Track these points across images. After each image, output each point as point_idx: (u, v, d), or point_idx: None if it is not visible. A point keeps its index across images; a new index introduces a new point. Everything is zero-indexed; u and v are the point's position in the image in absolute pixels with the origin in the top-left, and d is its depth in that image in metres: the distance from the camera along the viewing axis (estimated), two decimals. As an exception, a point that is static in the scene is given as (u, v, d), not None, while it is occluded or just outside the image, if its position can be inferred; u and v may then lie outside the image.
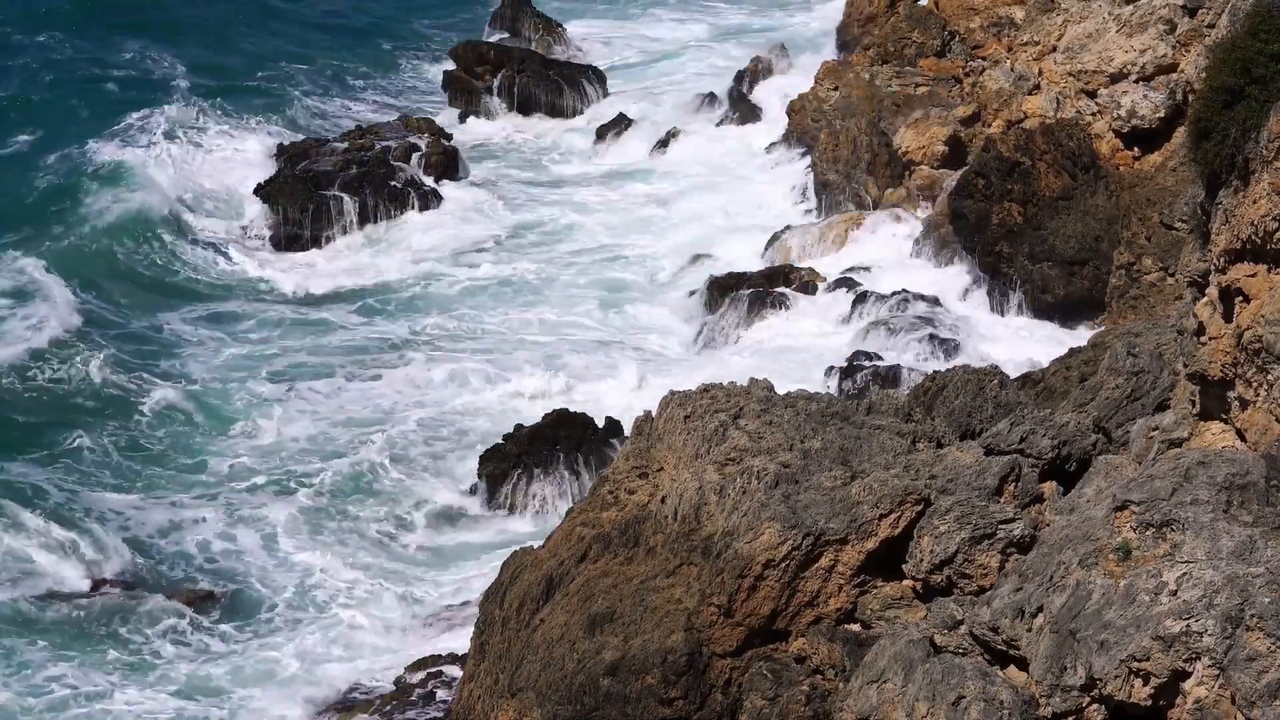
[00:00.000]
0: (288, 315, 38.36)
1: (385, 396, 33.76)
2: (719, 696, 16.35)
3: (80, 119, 51.12)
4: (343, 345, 36.77)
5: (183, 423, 32.30)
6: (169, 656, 24.69)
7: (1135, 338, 21.81)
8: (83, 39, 59.28)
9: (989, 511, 15.95)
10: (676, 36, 64.61)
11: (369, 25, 65.14)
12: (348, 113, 53.77)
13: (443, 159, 47.56)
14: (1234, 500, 12.84)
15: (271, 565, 27.41)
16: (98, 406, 32.54)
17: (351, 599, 26.36)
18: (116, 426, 31.84)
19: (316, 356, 35.94)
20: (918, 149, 40.30)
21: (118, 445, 31.14)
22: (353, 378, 34.75)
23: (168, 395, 33.13)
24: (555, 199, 46.83)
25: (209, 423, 32.39)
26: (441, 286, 40.45)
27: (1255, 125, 14.21)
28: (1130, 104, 36.62)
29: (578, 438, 29.90)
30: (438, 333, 37.46)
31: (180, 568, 27.25)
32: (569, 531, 19.51)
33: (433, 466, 30.96)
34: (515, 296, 39.62)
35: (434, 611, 26.03)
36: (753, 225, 42.47)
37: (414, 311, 38.92)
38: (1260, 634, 11.82)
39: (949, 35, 44.73)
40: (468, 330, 37.71)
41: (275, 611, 25.99)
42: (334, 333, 37.51)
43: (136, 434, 31.70)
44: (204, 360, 35.39)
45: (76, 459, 30.47)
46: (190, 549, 27.73)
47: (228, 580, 26.85)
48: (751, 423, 18.53)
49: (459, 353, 36.13)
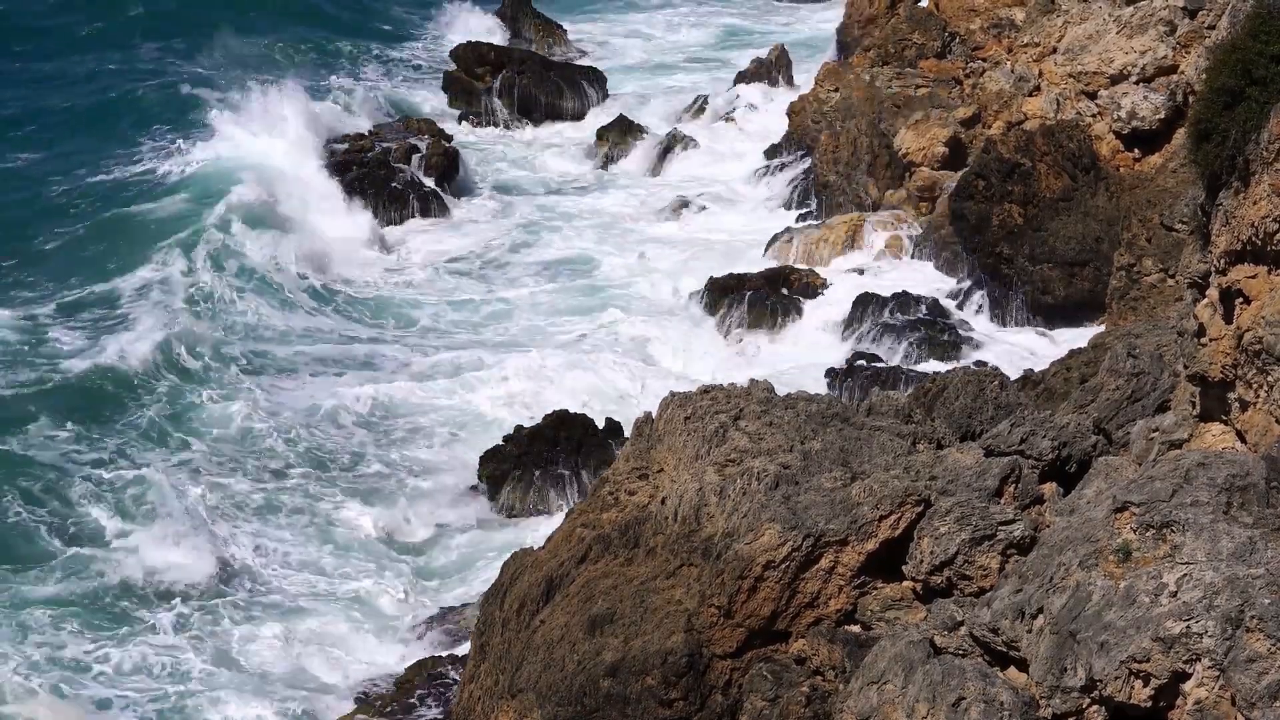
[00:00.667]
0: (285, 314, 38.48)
1: (384, 396, 33.76)
2: (719, 697, 16.35)
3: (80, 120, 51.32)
4: (342, 344, 36.78)
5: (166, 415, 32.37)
6: (162, 653, 24.70)
7: (1135, 339, 21.81)
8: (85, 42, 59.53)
9: (989, 513, 15.95)
10: (677, 38, 64.68)
11: (369, 25, 65.20)
12: (347, 112, 53.76)
13: (443, 160, 47.56)
14: (1234, 501, 12.84)
15: (270, 564, 27.41)
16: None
17: (350, 599, 26.35)
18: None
19: (313, 357, 35.96)
20: (918, 150, 40.31)
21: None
22: (346, 375, 34.76)
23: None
24: (555, 199, 46.85)
25: (192, 417, 32.39)
26: (441, 286, 40.45)
27: (1255, 127, 14.20)
28: (1130, 105, 36.64)
29: (578, 438, 29.90)
30: (437, 332, 37.45)
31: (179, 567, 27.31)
32: (569, 532, 19.52)
33: (432, 466, 30.97)
34: (515, 297, 39.62)
35: (434, 613, 26.02)
36: (752, 224, 42.51)
37: (414, 312, 38.93)
38: (1260, 635, 11.82)
39: (949, 36, 44.75)
40: (468, 330, 37.70)
41: (273, 611, 25.97)
42: (333, 332, 37.53)
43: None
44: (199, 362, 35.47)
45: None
46: (186, 548, 27.75)
47: (224, 580, 26.82)
48: (751, 424, 18.54)
49: (459, 353, 36.11)
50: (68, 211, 43.61)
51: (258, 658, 24.64)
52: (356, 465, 30.89)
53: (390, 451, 31.42)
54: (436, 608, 26.17)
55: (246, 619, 25.72)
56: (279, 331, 37.27)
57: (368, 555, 27.83)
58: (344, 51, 61.22)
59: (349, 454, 31.27)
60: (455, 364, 35.31)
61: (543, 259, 42.19)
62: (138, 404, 32.62)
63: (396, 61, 61.23)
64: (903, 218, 39.76)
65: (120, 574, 26.59)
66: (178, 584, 26.50)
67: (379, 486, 30.11)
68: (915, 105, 41.94)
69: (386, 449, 31.48)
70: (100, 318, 36.77)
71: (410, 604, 26.31)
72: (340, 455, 31.22)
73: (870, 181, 41.30)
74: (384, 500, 29.60)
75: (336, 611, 25.93)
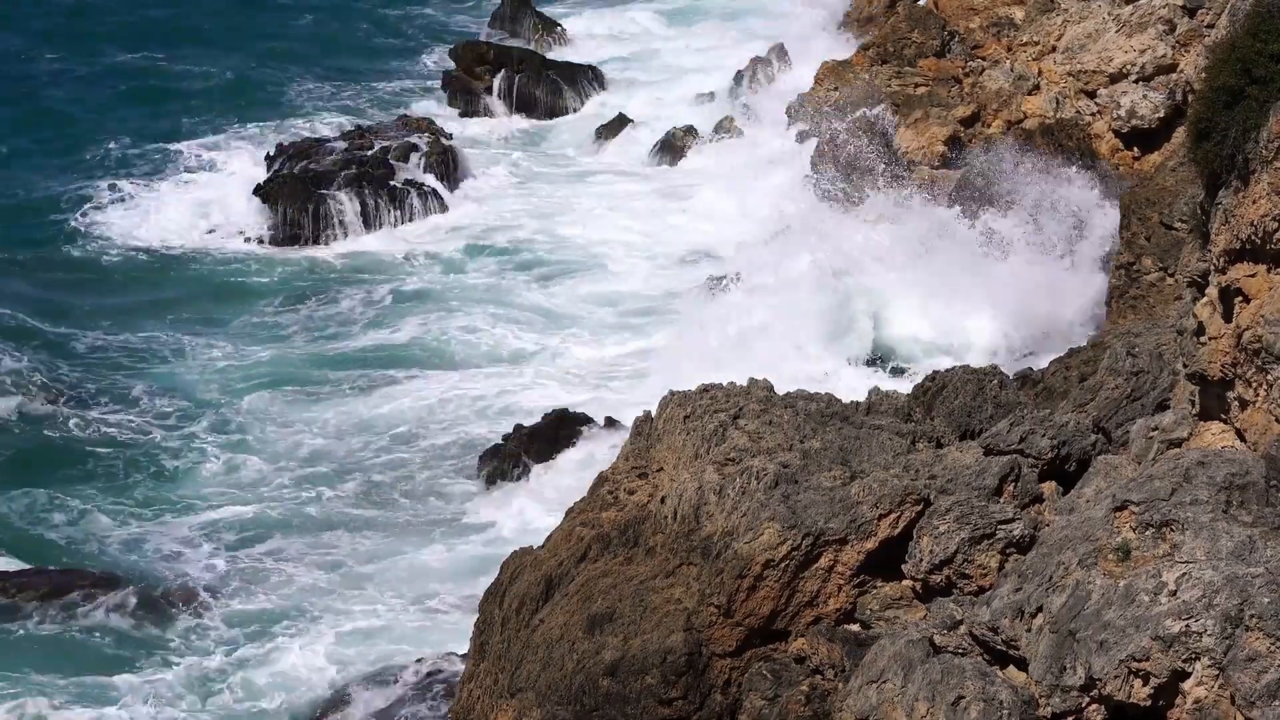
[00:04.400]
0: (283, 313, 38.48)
1: (383, 395, 33.77)
2: (719, 696, 16.35)
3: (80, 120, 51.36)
4: (339, 345, 36.77)
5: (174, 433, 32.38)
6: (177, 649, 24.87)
7: (1135, 338, 21.80)
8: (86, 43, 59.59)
9: (989, 511, 15.95)
10: (678, 37, 64.59)
11: (369, 25, 65.17)
12: (347, 113, 53.78)
13: (442, 159, 47.54)
14: (1234, 500, 12.84)
15: (267, 560, 27.41)
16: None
17: (349, 599, 26.33)
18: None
19: (311, 358, 35.96)
20: (917, 149, 40.28)
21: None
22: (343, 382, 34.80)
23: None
24: (554, 200, 46.80)
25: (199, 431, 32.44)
26: (440, 286, 40.44)
27: (1255, 125, 14.19)
28: (1130, 104, 36.65)
29: (577, 438, 29.91)
30: (435, 332, 37.42)
31: (183, 572, 27.35)
32: (568, 531, 19.50)
33: (431, 466, 30.94)
34: (514, 297, 39.59)
35: (434, 612, 26.00)
36: (751, 226, 42.43)
37: (410, 310, 38.91)
38: (1260, 634, 11.82)
39: (949, 35, 44.73)
40: (466, 330, 37.66)
41: (270, 609, 25.99)
42: (330, 332, 37.53)
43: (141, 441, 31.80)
44: (195, 362, 35.46)
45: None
46: (192, 554, 27.80)
47: (226, 584, 26.85)
48: (751, 423, 18.53)
49: (457, 353, 36.12)
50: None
51: (255, 656, 24.66)
52: (353, 460, 30.90)
53: (390, 447, 31.46)
54: (436, 606, 26.15)
55: (245, 621, 25.81)
56: (268, 330, 37.34)
57: (368, 555, 27.80)
58: (345, 51, 61.27)
59: (348, 450, 31.29)
60: (452, 362, 35.33)
61: (541, 258, 42.13)
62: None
63: (397, 61, 61.22)
64: (902, 217, 39.68)
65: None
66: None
67: (377, 479, 30.13)
68: (914, 104, 41.91)
69: (385, 445, 31.53)
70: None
71: (409, 604, 26.28)
72: (338, 452, 31.23)
73: (870, 180, 41.23)
74: (382, 496, 29.63)
75: (333, 612, 25.94)
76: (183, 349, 36.24)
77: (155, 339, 36.74)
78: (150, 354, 35.96)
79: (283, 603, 26.20)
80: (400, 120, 50.48)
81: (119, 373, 34.82)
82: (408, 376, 34.81)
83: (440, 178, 46.88)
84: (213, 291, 40.01)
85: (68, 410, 32.73)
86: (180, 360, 35.68)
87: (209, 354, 35.97)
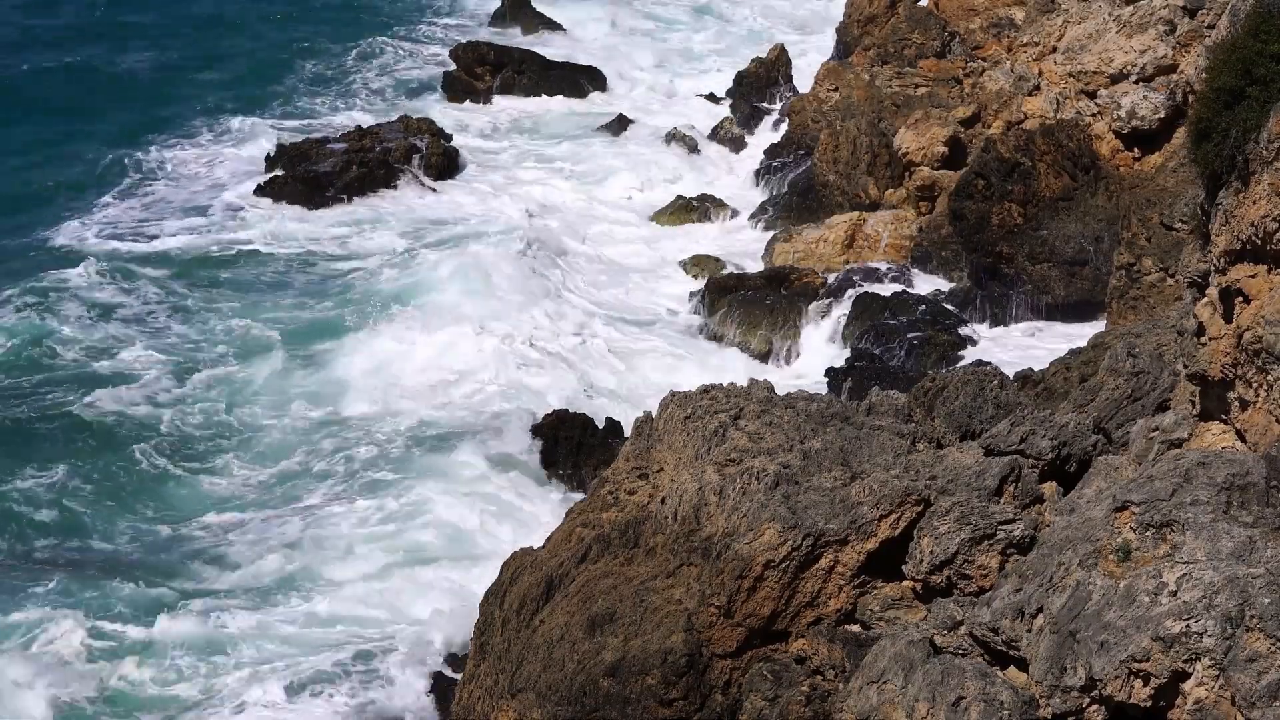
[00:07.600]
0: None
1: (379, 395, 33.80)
2: (719, 697, 16.35)
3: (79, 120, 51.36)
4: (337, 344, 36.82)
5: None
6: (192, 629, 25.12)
7: (1135, 338, 21.80)
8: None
9: (989, 512, 15.95)
10: (678, 37, 64.63)
11: (369, 25, 65.22)
12: (347, 113, 53.79)
13: (443, 159, 47.58)
14: (1234, 501, 12.83)
15: (265, 557, 27.44)
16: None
17: (347, 598, 26.31)
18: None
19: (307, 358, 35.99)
20: (918, 150, 40.30)
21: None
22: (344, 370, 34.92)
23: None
24: (554, 199, 46.77)
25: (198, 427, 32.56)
26: (439, 286, 40.42)
27: (1255, 126, 14.19)
28: (1130, 105, 36.65)
29: (577, 438, 29.89)
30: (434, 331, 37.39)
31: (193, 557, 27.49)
32: (569, 532, 19.51)
33: (432, 464, 30.94)
34: (513, 297, 39.57)
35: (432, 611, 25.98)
36: (750, 224, 42.48)
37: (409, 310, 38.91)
38: (1260, 635, 11.81)
39: (949, 36, 44.76)
40: (465, 329, 37.62)
41: (266, 611, 25.98)
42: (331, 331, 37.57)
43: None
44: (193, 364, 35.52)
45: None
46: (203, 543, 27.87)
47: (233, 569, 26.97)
48: (751, 423, 18.53)
49: (454, 353, 36.07)
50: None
51: (255, 656, 24.69)
52: (353, 461, 30.92)
53: (389, 446, 31.46)
54: (435, 607, 26.12)
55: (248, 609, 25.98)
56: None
57: (367, 554, 27.79)
58: (344, 51, 61.28)
59: (345, 451, 31.31)
60: (452, 361, 35.37)
61: (539, 258, 42.09)
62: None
63: (397, 62, 61.23)
64: (902, 217, 39.71)
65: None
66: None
67: (378, 477, 30.14)
68: (915, 104, 41.94)
69: (385, 443, 31.55)
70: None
71: (408, 603, 26.26)
72: (337, 452, 31.26)
73: (870, 181, 41.27)
74: (382, 494, 29.63)
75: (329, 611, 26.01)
76: (181, 344, 36.30)
77: (153, 335, 36.74)
78: (147, 347, 36.10)
79: (281, 595, 26.35)
80: (401, 121, 50.53)
81: (116, 364, 34.98)
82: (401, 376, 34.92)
83: (440, 178, 46.92)
84: (213, 291, 39.97)
85: (56, 394, 32.99)
86: (179, 353, 35.78)
87: (211, 352, 35.99)
